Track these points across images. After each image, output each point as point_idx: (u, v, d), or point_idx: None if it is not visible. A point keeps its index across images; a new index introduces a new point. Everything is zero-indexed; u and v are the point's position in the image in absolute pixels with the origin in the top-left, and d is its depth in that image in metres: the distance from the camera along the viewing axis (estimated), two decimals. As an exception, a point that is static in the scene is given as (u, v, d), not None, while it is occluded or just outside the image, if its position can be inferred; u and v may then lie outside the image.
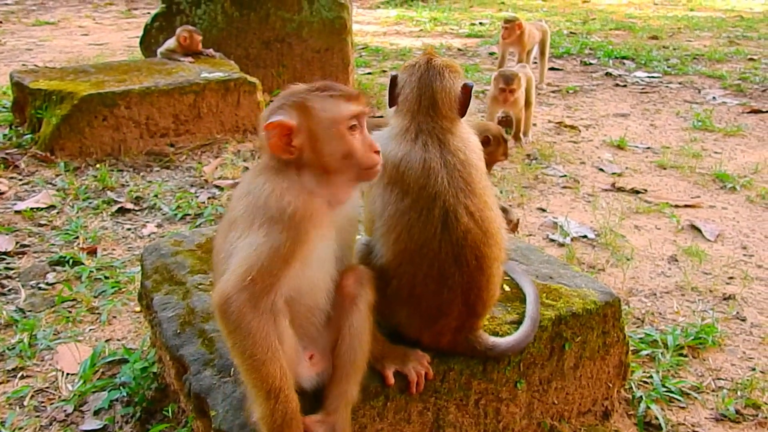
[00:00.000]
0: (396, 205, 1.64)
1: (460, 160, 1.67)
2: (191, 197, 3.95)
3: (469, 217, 1.63)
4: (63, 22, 10.49)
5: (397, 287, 1.65)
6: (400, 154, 1.67)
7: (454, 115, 1.73)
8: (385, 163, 1.65)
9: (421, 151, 1.65)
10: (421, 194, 1.63)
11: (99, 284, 3.01)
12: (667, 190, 4.25)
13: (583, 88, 6.96)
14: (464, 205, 1.63)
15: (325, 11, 6.03)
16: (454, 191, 1.63)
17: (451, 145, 1.68)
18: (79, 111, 4.38)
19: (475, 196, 1.65)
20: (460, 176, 1.65)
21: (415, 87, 1.72)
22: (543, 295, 1.95)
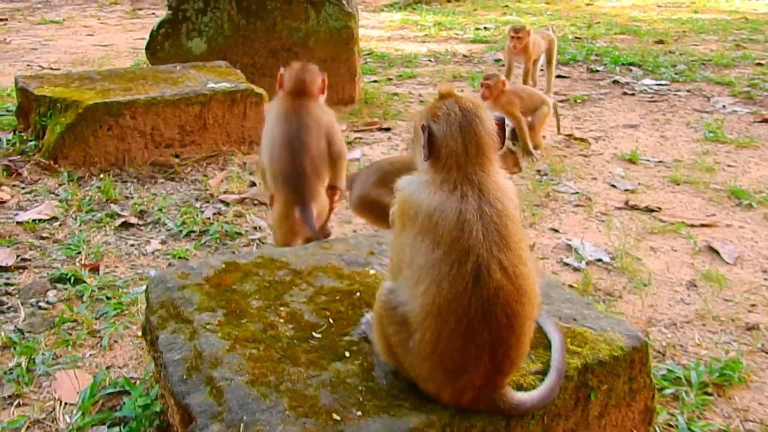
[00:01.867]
0: (426, 256, 1.57)
1: (497, 211, 1.59)
2: (196, 212, 3.87)
3: (502, 273, 1.55)
4: (68, 21, 10.41)
5: (421, 340, 1.57)
6: (434, 203, 1.59)
7: (495, 156, 1.65)
8: (417, 211, 1.58)
9: (458, 202, 1.57)
10: (453, 247, 1.55)
11: (101, 305, 2.93)
12: (682, 207, 4.17)
13: (591, 97, 6.87)
14: (498, 260, 1.55)
15: (332, 20, 5.95)
16: (489, 245, 1.55)
17: (491, 193, 1.60)
18: (84, 120, 4.30)
19: (509, 250, 1.57)
20: (496, 229, 1.57)
21: (458, 136, 1.63)
22: (567, 340, 1.86)
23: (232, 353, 1.80)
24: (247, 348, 1.83)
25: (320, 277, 2.23)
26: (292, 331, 1.93)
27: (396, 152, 5.04)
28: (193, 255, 3.42)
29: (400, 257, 1.65)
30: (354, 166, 4.72)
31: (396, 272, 1.69)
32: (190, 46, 5.99)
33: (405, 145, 5.19)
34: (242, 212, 3.92)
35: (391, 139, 5.37)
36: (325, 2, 5.92)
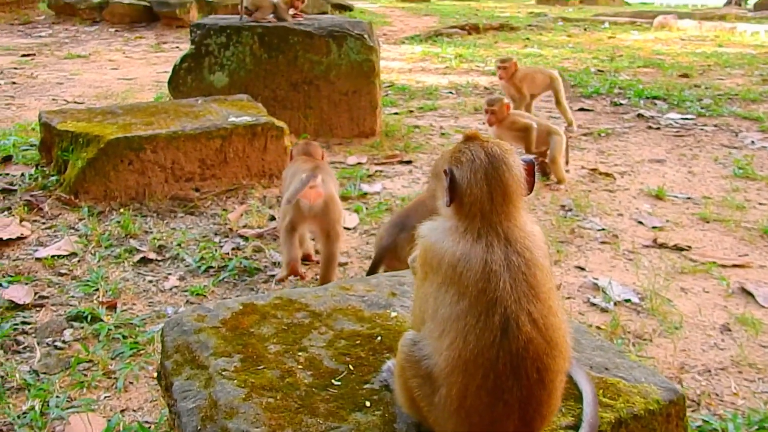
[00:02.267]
0: (451, 307, 1.48)
1: (525, 260, 1.50)
2: (215, 247, 3.83)
3: (532, 325, 1.46)
4: (94, 55, 10.56)
5: (446, 396, 1.48)
6: (458, 252, 1.50)
7: (522, 202, 1.57)
8: (441, 260, 1.50)
9: (483, 251, 1.48)
10: (480, 298, 1.46)
11: (117, 344, 2.88)
12: (713, 246, 4.05)
13: (615, 130, 6.78)
14: (527, 312, 1.46)
15: (354, 54, 5.95)
16: (517, 296, 1.46)
17: (518, 242, 1.51)
18: (105, 155, 4.30)
19: (539, 301, 1.48)
20: (524, 279, 1.48)
21: (483, 184, 1.54)
22: (600, 392, 1.77)
23: (249, 402, 1.73)
24: (264, 397, 1.75)
25: (340, 320, 2.16)
26: (311, 378, 1.85)
27: (417, 186, 4.98)
28: (210, 292, 3.37)
29: (423, 308, 1.57)
30: (374, 199, 4.67)
31: (419, 323, 1.61)
32: (212, 79, 6.02)
33: (425, 179, 5.13)
34: (261, 247, 3.87)
35: (412, 173, 5.31)
36: (347, 36, 5.93)
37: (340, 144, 5.95)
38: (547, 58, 11.48)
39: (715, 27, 15.93)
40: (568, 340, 1.54)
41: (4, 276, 3.41)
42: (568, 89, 6.62)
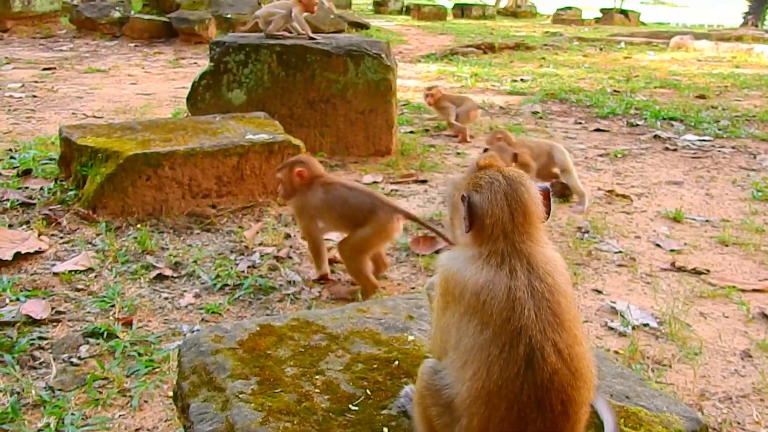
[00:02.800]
0: (474, 338, 1.46)
1: (548, 286, 1.48)
2: (231, 265, 3.83)
3: (557, 356, 1.44)
4: (113, 70, 10.67)
5: (467, 427, 1.46)
6: (481, 280, 1.49)
7: (542, 226, 1.56)
8: (463, 289, 1.48)
9: (507, 278, 1.47)
10: (504, 328, 1.44)
11: (132, 362, 2.88)
12: (732, 270, 4.00)
13: (631, 151, 6.76)
14: (552, 342, 1.44)
15: (371, 73, 5.97)
16: (542, 325, 1.44)
17: (540, 267, 1.50)
18: (124, 170, 4.32)
19: (564, 330, 1.47)
20: (549, 307, 1.46)
21: (504, 205, 1.54)
22: (621, 421, 1.74)
23: (266, 426, 1.71)
24: (281, 421, 1.74)
25: (357, 343, 2.15)
26: (328, 403, 1.84)
27: (433, 205, 4.97)
28: (226, 310, 3.37)
29: (445, 338, 1.55)
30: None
31: (440, 352, 1.59)
32: (230, 97, 6.06)
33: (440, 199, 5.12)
34: (277, 265, 3.87)
35: (427, 192, 5.31)
36: (364, 55, 5.96)
37: (355, 162, 5.96)
38: (562, 78, 11.49)
39: (732, 48, 15.90)
40: (593, 369, 1.52)
41: (22, 290, 3.42)
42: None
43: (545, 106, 9.02)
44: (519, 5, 30.14)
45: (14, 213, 4.36)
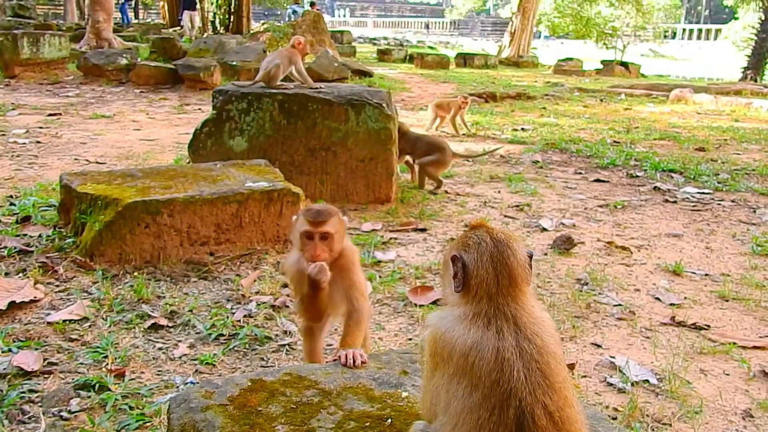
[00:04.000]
0: (464, 400, 1.44)
1: (537, 347, 1.47)
2: (227, 314, 3.80)
3: (548, 419, 1.41)
4: (118, 116, 10.79)
5: None
6: (469, 341, 1.48)
7: (528, 289, 1.55)
8: (452, 350, 1.47)
9: (495, 339, 1.46)
10: (493, 390, 1.42)
11: (123, 416, 2.82)
12: (732, 326, 3.97)
13: (631, 203, 6.77)
14: (543, 404, 1.42)
15: (372, 122, 6.03)
16: (532, 387, 1.42)
17: (528, 329, 1.49)
18: (123, 218, 4.32)
19: (554, 392, 1.44)
20: (538, 368, 1.45)
21: (489, 266, 1.54)
22: (618, 487, 1.70)
23: (253, 488, 1.68)
24: (268, 482, 1.70)
25: (350, 400, 2.11)
26: (318, 463, 1.80)
27: (432, 254, 4.96)
28: (220, 361, 3.33)
29: (435, 400, 1.53)
30: (388, 267, 4.65)
31: (429, 414, 1.56)
32: (232, 144, 6.11)
33: (440, 247, 5.12)
34: (273, 315, 3.84)
35: (427, 240, 5.30)
36: (365, 104, 6.03)
37: (355, 210, 5.97)
38: (563, 128, 11.59)
39: (731, 102, 16.07)
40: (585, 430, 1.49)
41: (15, 341, 3.39)
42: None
43: (545, 156, 9.07)
44: (521, 55, 30.59)
45: (11, 261, 4.35)
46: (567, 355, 3.51)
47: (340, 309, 2.71)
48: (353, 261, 2.68)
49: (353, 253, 2.71)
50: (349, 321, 2.61)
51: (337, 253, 2.60)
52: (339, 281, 2.62)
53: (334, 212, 2.60)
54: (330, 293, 2.63)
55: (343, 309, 2.69)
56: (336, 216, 2.59)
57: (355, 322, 2.59)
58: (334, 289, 2.63)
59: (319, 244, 2.52)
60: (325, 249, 2.53)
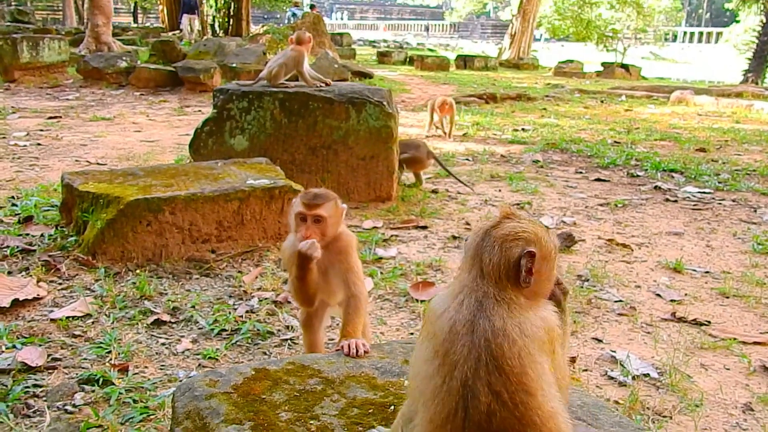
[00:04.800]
0: (427, 364, 1.50)
1: (494, 329, 1.45)
2: (229, 310, 3.82)
3: (494, 397, 1.41)
4: (118, 118, 10.81)
5: None
6: (440, 310, 1.54)
7: (507, 283, 1.53)
8: (429, 317, 1.56)
9: (455, 311, 1.50)
10: (445, 359, 1.47)
11: (127, 409, 2.84)
12: (733, 322, 3.98)
13: (632, 202, 6.78)
14: (487, 382, 1.42)
15: (373, 120, 6.05)
16: (474, 363, 1.43)
17: (489, 310, 1.48)
18: (124, 216, 4.34)
19: (503, 373, 1.43)
20: (487, 346, 1.44)
21: (469, 256, 1.59)
22: (619, 472, 1.71)
23: (257, 473, 1.69)
24: (273, 468, 1.71)
25: (353, 388, 2.13)
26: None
27: (432, 251, 4.97)
28: (223, 355, 3.34)
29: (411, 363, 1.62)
30: (389, 264, 4.66)
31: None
32: (233, 143, 6.13)
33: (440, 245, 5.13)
34: (275, 310, 3.85)
35: (428, 238, 5.32)
36: (366, 103, 6.04)
37: (356, 208, 5.98)
38: (563, 128, 11.61)
39: (732, 104, 16.09)
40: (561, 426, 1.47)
41: (19, 337, 3.40)
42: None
43: (546, 156, 9.09)
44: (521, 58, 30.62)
45: (14, 260, 4.37)
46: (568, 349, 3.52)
47: (338, 295, 2.73)
48: (350, 245, 2.70)
49: (350, 238, 2.73)
50: (348, 308, 2.62)
51: (330, 237, 2.62)
52: (336, 264, 2.65)
53: (331, 197, 2.63)
54: (327, 278, 2.66)
55: (340, 296, 2.71)
56: (332, 201, 2.62)
57: (354, 309, 2.60)
58: (331, 273, 2.66)
59: (312, 227, 2.55)
60: (317, 232, 2.56)
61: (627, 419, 2.08)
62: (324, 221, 2.57)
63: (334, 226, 2.63)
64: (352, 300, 2.64)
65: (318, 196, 2.60)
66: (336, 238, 2.66)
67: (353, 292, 2.65)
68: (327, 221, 2.58)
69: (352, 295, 2.65)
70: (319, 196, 2.60)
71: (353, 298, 2.65)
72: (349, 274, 2.67)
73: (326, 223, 2.58)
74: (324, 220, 2.57)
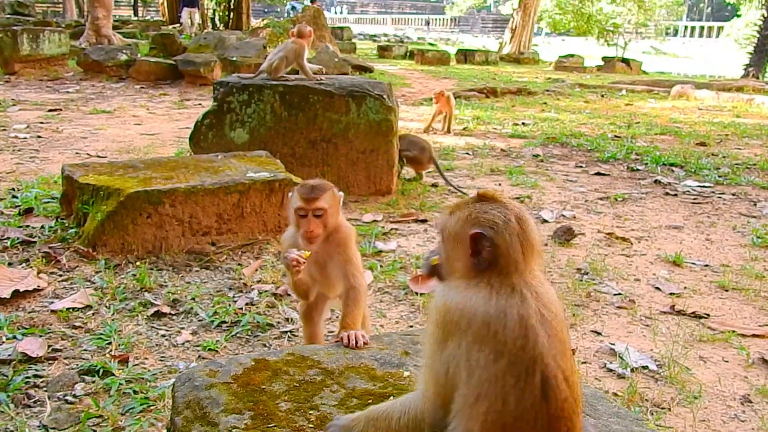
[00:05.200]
0: (488, 369, 1.43)
1: (554, 314, 1.48)
2: (229, 302, 3.82)
3: (565, 384, 1.43)
4: (118, 111, 10.81)
5: None
6: (492, 310, 1.45)
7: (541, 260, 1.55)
8: (471, 320, 1.45)
9: (518, 306, 1.46)
10: (519, 356, 1.42)
11: (127, 399, 2.85)
12: (732, 315, 3.98)
13: (631, 195, 6.79)
14: (562, 370, 1.44)
15: (373, 114, 6.04)
16: (553, 353, 1.44)
17: (544, 297, 1.49)
18: (125, 208, 4.34)
19: (567, 357, 1.47)
20: (556, 334, 1.46)
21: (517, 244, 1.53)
22: (617, 461, 1.72)
23: (257, 462, 1.70)
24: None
25: (352, 378, 2.13)
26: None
27: (432, 244, 4.98)
28: (223, 347, 3.35)
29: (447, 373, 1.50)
30: (389, 257, 4.67)
31: (435, 388, 1.53)
32: (233, 136, 6.12)
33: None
34: (275, 303, 3.86)
35: (427, 231, 5.33)
36: (366, 96, 6.04)
37: (356, 201, 5.99)
38: (564, 123, 11.60)
39: (733, 98, 16.07)
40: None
41: (19, 328, 3.41)
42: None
43: (546, 150, 9.09)
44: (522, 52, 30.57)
45: (14, 251, 4.37)
46: (567, 342, 3.54)
47: (337, 288, 2.74)
48: (349, 237, 2.70)
49: (350, 230, 2.73)
50: (347, 300, 2.63)
51: (332, 227, 2.62)
52: (335, 257, 2.65)
53: (327, 187, 2.62)
54: (326, 270, 2.67)
55: (339, 289, 2.72)
56: (330, 191, 2.61)
57: (353, 300, 2.61)
58: (331, 265, 2.66)
59: (313, 221, 2.55)
60: (319, 225, 2.56)
61: (625, 410, 2.08)
62: (324, 213, 2.57)
63: (333, 215, 2.64)
64: (352, 292, 2.65)
65: (315, 188, 2.59)
66: (335, 230, 2.66)
67: (352, 284, 2.66)
68: (327, 212, 2.58)
69: (352, 287, 2.66)
70: (317, 188, 2.59)
71: (352, 289, 2.65)
72: (349, 266, 2.67)
73: (326, 214, 2.58)
74: (324, 212, 2.57)
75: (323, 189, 2.60)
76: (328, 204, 2.58)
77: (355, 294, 2.64)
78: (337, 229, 2.67)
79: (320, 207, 2.55)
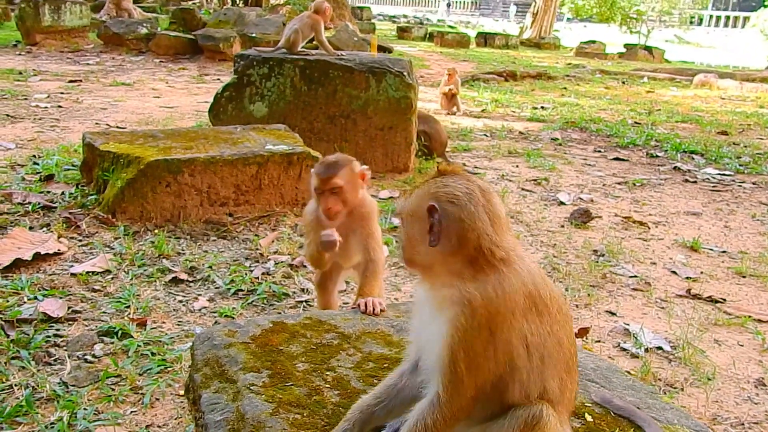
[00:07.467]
0: (541, 328, 1.49)
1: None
2: (245, 271, 3.86)
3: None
4: (138, 84, 10.85)
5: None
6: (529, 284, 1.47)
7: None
8: (515, 304, 1.44)
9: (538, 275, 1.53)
10: (566, 315, 1.57)
11: (145, 361, 2.89)
12: (748, 301, 3.97)
13: (650, 181, 6.74)
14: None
15: (392, 90, 6.03)
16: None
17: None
18: (144, 176, 4.37)
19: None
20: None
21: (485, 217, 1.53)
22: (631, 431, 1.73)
23: (276, 417, 1.72)
24: (291, 413, 1.75)
25: (368, 343, 2.15)
26: (338, 398, 1.84)
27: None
28: (239, 314, 3.39)
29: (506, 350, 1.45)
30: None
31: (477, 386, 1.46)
32: (252, 109, 6.14)
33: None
34: (291, 273, 3.89)
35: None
36: (386, 72, 6.02)
37: (373, 178, 5.97)
38: (583, 108, 11.51)
39: (757, 88, 15.87)
40: None
41: (40, 289, 3.46)
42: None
43: (565, 134, 9.04)
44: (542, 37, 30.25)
45: (35, 216, 4.43)
46: (581, 321, 3.54)
47: (353, 259, 2.75)
48: (373, 212, 2.70)
49: (373, 205, 2.74)
50: (366, 272, 2.64)
51: (352, 203, 2.62)
52: (358, 230, 2.66)
53: (344, 163, 2.60)
54: (347, 243, 2.68)
55: (355, 259, 2.73)
56: (346, 167, 2.59)
57: (372, 272, 2.62)
58: (352, 238, 2.68)
59: (331, 198, 2.55)
60: (337, 201, 2.56)
61: (639, 383, 2.09)
62: (341, 190, 2.56)
63: (353, 191, 2.62)
64: (371, 264, 2.67)
65: (330, 166, 2.57)
66: (360, 204, 2.66)
67: (372, 257, 2.67)
68: (344, 189, 2.57)
69: (371, 260, 2.67)
70: (332, 166, 2.57)
71: (372, 262, 2.67)
72: (370, 240, 2.69)
73: (343, 191, 2.57)
74: (341, 189, 2.56)
75: (339, 166, 2.58)
76: (345, 180, 2.57)
77: (374, 266, 2.65)
78: (362, 203, 2.67)
79: (336, 184, 2.55)
